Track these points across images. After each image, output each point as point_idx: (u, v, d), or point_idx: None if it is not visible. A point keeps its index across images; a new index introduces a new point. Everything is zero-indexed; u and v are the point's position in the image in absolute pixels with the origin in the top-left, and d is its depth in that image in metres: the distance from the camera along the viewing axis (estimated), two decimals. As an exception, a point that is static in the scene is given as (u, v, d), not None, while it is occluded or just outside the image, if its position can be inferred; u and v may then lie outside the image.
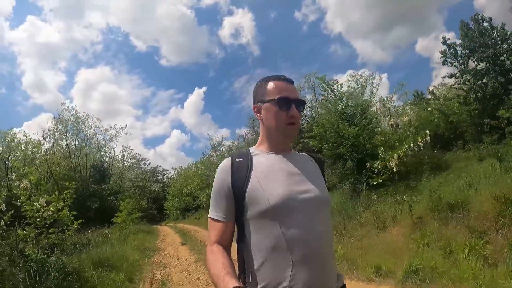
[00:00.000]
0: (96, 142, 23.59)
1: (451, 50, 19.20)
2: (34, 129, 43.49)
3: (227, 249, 1.08)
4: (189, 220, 20.16)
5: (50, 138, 22.37)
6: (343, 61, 52.77)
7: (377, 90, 25.19)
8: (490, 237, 4.13)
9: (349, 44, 55.98)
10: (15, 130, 39.56)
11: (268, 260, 1.00)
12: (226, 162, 1.13)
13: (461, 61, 19.18)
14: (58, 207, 4.74)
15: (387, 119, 10.50)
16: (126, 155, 27.65)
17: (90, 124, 22.39)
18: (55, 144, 22.78)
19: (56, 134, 22.07)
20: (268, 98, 1.12)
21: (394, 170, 6.68)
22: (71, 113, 21.49)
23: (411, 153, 6.90)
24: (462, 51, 19.00)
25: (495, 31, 17.79)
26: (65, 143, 22.65)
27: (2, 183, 16.31)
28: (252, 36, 56.05)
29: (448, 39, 19.55)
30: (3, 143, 21.18)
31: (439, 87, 21.75)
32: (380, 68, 59.29)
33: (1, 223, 4.37)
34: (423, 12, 43.61)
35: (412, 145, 6.66)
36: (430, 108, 19.97)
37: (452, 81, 19.58)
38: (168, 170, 40.99)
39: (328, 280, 1.03)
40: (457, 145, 11.08)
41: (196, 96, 57.15)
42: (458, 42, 19.55)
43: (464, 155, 9.33)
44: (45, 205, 4.46)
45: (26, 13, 62.32)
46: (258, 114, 1.18)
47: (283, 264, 0.98)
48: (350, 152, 8.46)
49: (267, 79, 1.17)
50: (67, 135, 21.73)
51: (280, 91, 1.12)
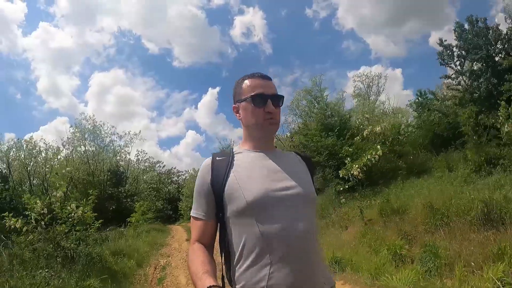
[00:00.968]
0: (112, 148, 25.55)
1: (448, 52, 20.14)
2: (50, 133, 46.48)
3: (209, 247, 1.11)
4: (200, 220, 21.89)
5: (69, 145, 24.61)
6: (356, 57, 53.08)
7: (383, 90, 26.23)
8: (416, 239, 5.19)
9: (361, 39, 56.01)
10: (32, 134, 42.42)
11: (246, 259, 1.02)
12: (207, 161, 1.16)
13: (457, 62, 20.12)
14: (85, 210, 6.41)
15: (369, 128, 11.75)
16: (140, 159, 29.60)
17: (106, 131, 24.37)
18: (74, 150, 24.99)
19: (74, 141, 24.22)
20: (244, 97, 1.16)
21: (359, 177, 8.09)
22: (88, 122, 23.53)
23: (369, 163, 8.24)
24: (458, 52, 19.92)
25: (490, 31, 18.65)
26: (83, 149, 24.83)
27: (42, 193, 18.39)
28: (264, 35, 56.88)
29: (445, 40, 20.46)
30: (25, 150, 23.51)
31: (442, 86, 22.54)
32: (394, 62, 59.25)
33: (42, 223, 6.07)
34: (436, 4, 43.66)
35: (369, 157, 8.03)
36: (428, 109, 20.97)
37: (449, 81, 20.46)
38: (183, 172, 43.17)
39: (310, 279, 1.02)
40: (455, 145, 12.00)
41: (210, 96, 58.73)
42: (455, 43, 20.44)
43: (450, 157, 10.14)
44: (75, 209, 6.18)
45: (38, 19, 64.76)
46: (238, 114, 1.21)
47: (261, 263, 0.99)
48: (326, 160, 9.89)
49: (243, 78, 1.21)
50: (85, 142, 23.76)
51: (254, 88, 1.15)
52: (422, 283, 3.79)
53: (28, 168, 23.21)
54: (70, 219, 6.22)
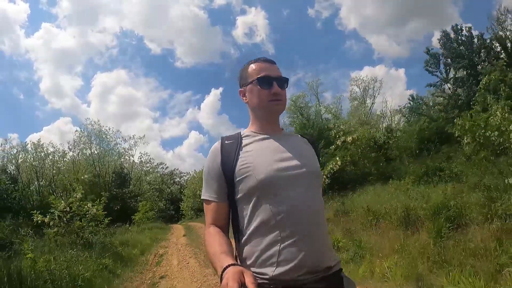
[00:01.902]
0: (117, 151, 27.45)
1: (434, 60, 21.67)
2: (53, 133, 48.04)
3: (224, 229, 1.16)
4: (200, 219, 23.66)
5: (75, 148, 26.56)
6: (359, 57, 53.96)
7: (378, 94, 27.73)
8: (358, 235, 6.37)
9: (364, 39, 57.08)
10: (35, 135, 44.18)
11: (257, 236, 1.08)
12: (216, 145, 1.22)
13: (443, 70, 21.69)
14: (98, 209, 8.19)
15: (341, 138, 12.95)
16: (143, 161, 31.47)
17: (112, 135, 26.29)
18: (80, 153, 26.93)
19: (81, 144, 26.17)
20: (250, 80, 1.23)
21: (326, 182, 9.70)
22: (94, 126, 25.46)
23: (333, 170, 9.77)
24: (444, 60, 21.46)
25: (476, 39, 20.10)
26: (89, 152, 26.77)
27: (49, 193, 20.22)
28: (266, 35, 58.20)
29: (432, 48, 21.98)
30: (33, 153, 25.41)
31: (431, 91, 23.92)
32: (397, 63, 60.38)
33: (64, 219, 7.84)
34: (438, 4, 44.64)
35: (331, 166, 9.64)
36: (418, 114, 22.56)
37: (433, 89, 21.90)
38: (185, 173, 45.10)
39: (319, 256, 1.07)
40: (441, 149, 13.16)
41: (213, 97, 60.36)
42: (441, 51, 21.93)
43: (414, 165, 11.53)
44: (90, 207, 7.96)
45: (41, 20, 67.09)
46: (244, 98, 1.28)
47: (271, 240, 1.05)
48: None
49: (248, 63, 1.29)
50: (91, 145, 25.68)
51: (260, 71, 1.22)
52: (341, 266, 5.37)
53: (36, 170, 25.01)
54: (86, 216, 8.00)
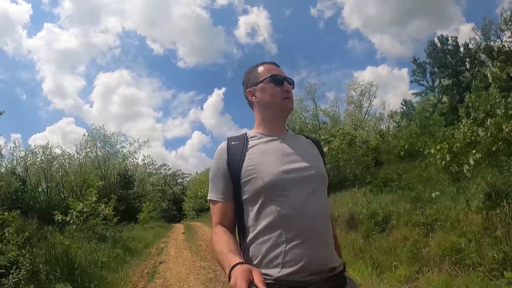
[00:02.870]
0: (121, 154, 29.41)
1: (420, 69, 23.33)
2: (56, 133, 50.30)
3: (231, 229, 1.22)
4: (200, 219, 25.51)
5: (81, 151, 28.53)
6: (362, 57, 56.03)
7: (374, 98, 29.31)
8: None
9: (367, 39, 58.96)
10: (39, 135, 45.88)
11: (262, 237, 1.12)
12: (223, 145, 1.28)
13: (429, 78, 23.35)
14: (109, 210, 10.01)
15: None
16: (146, 163, 33.39)
17: (116, 138, 28.26)
18: (86, 156, 28.87)
19: (87, 148, 28.15)
20: (262, 79, 1.32)
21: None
22: (100, 131, 27.47)
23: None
24: (431, 69, 23.11)
25: (462, 47, 21.66)
26: (94, 154, 28.72)
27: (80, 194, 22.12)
28: (269, 35, 59.60)
29: (418, 58, 23.58)
30: (42, 156, 27.37)
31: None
32: (400, 62, 61.58)
33: (81, 218, 9.67)
34: (441, 3, 45.61)
35: None
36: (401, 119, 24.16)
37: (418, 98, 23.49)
38: (187, 174, 47.05)
39: (324, 258, 1.13)
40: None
41: (216, 97, 61.81)
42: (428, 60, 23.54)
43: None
44: (103, 208, 9.79)
45: (43, 21, 69.98)
46: (253, 97, 1.35)
47: (277, 241, 1.10)
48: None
49: (256, 65, 1.39)
50: (97, 149, 27.67)
51: (271, 71, 1.33)
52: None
53: (45, 172, 26.93)
54: (99, 215, 9.82)
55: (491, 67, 19.93)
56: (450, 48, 22.19)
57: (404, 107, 26.40)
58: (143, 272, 6.72)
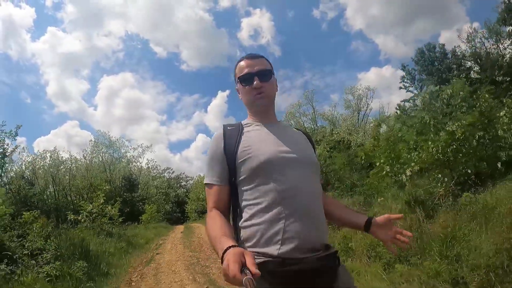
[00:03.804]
0: (126, 159, 31.36)
1: (409, 76, 24.81)
2: (60, 136, 50.97)
3: (225, 213, 1.29)
4: (201, 220, 27.28)
5: (88, 156, 30.51)
6: (366, 58, 56.20)
7: (371, 102, 30.63)
8: None
9: (370, 40, 58.07)
10: (43, 138, 47.61)
11: (261, 215, 1.19)
12: (219, 131, 1.37)
13: (417, 85, 24.82)
14: (114, 211, 11.82)
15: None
16: (150, 167, 35.31)
17: (120, 144, 30.25)
18: (92, 161, 30.84)
19: (93, 153, 30.14)
20: (236, 79, 1.43)
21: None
22: (105, 137, 29.50)
23: None
24: (419, 76, 24.57)
25: (450, 54, 23.10)
26: (100, 159, 30.68)
27: (86, 197, 24.07)
28: (272, 36, 59.86)
29: (407, 65, 25.02)
30: (49, 160, 29.35)
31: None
32: (404, 61, 62.23)
33: (90, 217, 11.48)
34: (444, 3, 46.23)
35: None
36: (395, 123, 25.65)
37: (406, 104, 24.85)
38: (190, 177, 48.93)
39: (320, 234, 1.22)
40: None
41: (220, 99, 62.85)
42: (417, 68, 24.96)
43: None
44: (110, 209, 11.60)
45: (47, 24, 70.66)
46: (239, 94, 1.47)
47: (275, 218, 1.17)
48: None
49: (237, 62, 1.46)
50: (103, 154, 29.66)
51: (242, 70, 1.40)
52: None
53: (52, 176, 28.88)
54: (106, 215, 11.62)
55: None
56: (437, 55, 23.47)
57: (398, 112, 27.45)
58: (142, 260, 8.46)
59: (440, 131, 7.27)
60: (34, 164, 28.80)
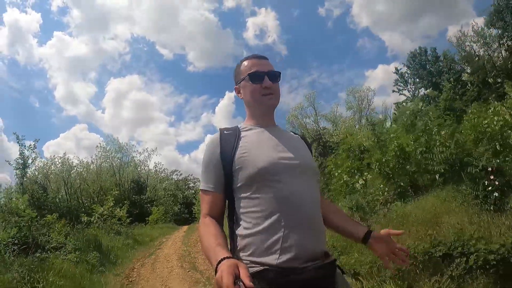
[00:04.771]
0: (134, 163, 33.55)
1: (402, 79, 26.20)
2: (70, 139, 53.40)
3: (219, 220, 1.29)
4: (206, 221, 29.22)
5: (98, 161, 32.76)
6: (373, 55, 57.23)
7: (372, 103, 31.86)
8: None
9: (377, 37, 59.93)
10: (52, 141, 49.65)
11: (259, 223, 1.18)
12: (215, 135, 1.37)
13: (410, 88, 26.20)
14: (123, 212, 13.80)
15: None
16: (158, 170, 37.48)
17: (128, 149, 32.45)
18: (102, 165, 33.08)
19: (102, 158, 32.42)
20: (242, 76, 1.41)
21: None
22: (114, 143, 31.72)
23: None
24: (411, 80, 25.95)
25: (442, 57, 24.41)
26: (109, 164, 32.91)
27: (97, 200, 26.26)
28: (278, 36, 60.93)
29: (400, 69, 26.42)
30: (61, 165, 31.63)
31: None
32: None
33: (101, 218, 13.47)
34: None
35: None
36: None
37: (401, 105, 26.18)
38: (198, 178, 50.92)
39: (319, 242, 1.23)
40: None
41: (227, 100, 63.55)
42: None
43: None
44: (119, 211, 13.57)
45: (53, 29, 72.93)
46: (239, 94, 1.46)
47: (274, 226, 1.16)
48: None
49: (241, 61, 1.47)
50: (112, 159, 31.88)
51: (251, 67, 1.40)
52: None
53: (64, 180, 31.13)
54: (115, 217, 13.60)
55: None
56: (429, 58, 24.82)
57: (396, 113, 28.63)
58: (145, 254, 10.38)
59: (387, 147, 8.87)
60: (45, 169, 31.10)
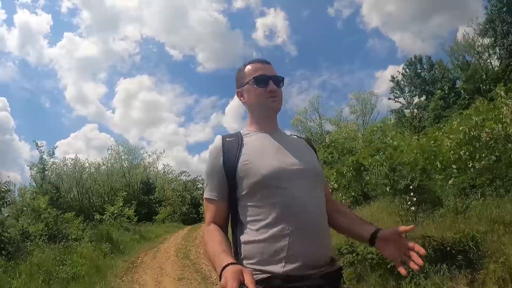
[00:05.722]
0: (143, 164, 35.84)
1: (398, 87, 27.66)
2: (80, 139, 54.69)
3: (223, 228, 1.31)
4: (210, 220, 31.25)
5: (108, 162, 35.12)
6: (383, 56, 57.14)
7: (375, 107, 32.77)
8: None
9: (387, 38, 60.16)
10: (63, 141, 51.80)
11: (264, 231, 1.20)
12: (217, 143, 1.38)
13: (406, 95, 27.62)
14: (131, 212, 15.91)
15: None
16: (166, 172, 39.73)
17: (139, 152, 34.83)
18: (111, 167, 35.41)
19: (112, 160, 34.82)
20: (247, 80, 1.44)
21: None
22: (124, 146, 34.10)
23: None
24: (407, 87, 27.37)
25: (435, 66, 25.87)
26: (119, 165, 35.25)
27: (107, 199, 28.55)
28: (287, 36, 61.04)
29: (396, 76, 27.87)
30: (73, 167, 33.95)
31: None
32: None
33: (113, 216, 15.57)
34: None
35: None
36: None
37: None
38: (206, 180, 52.99)
39: (325, 249, 1.24)
40: None
41: (237, 100, 58.64)
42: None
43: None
44: (128, 210, 15.66)
45: (63, 30, 76.51)
46: (242, 98, 1.49)
47: (279, 234, 1.18)
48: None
49: (244, 65, 1.50)
50: (122, 161, 34.23)
51: (256, 71, 1.43)
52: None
53: (76, 181, 33.44)
54: (124, 215, 15.68)
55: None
56: (425, 67, 26.30)
57: (392, 119, 29.82)
58: (149, 247, 12.41)
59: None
60: (58, 169, 33.32)
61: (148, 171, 36.97)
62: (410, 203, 6.36)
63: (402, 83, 27.22)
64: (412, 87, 26.51)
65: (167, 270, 7.80)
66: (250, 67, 1.47)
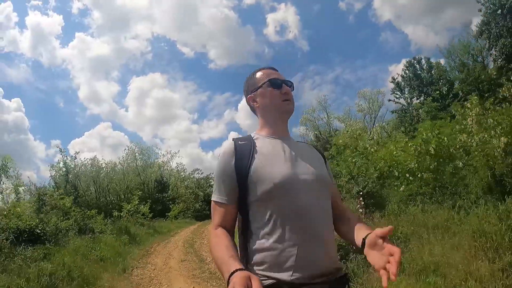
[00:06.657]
0: (157, 164, 38.27)
1: (398, 88, 28.96)
2: (94, 137, 56.43)
3: (230, 232, 1.34)
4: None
5: (125, 162, 37.62)
6: (396, 49, 57.10)
7: (382, 105, 33.75)
8: None
9: (400, 31, 60.01)
10: (78, 140, 53.97)
11: (273, 239, 1.25)
12: (229, 145, 1.41)
13: (406, 97, 28.85)
14: (146, 209, 18.18)
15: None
16: (179, 170, 42.14)
17: (153, 152, 37.33)
18: (127, 166, 37.86)
19: (128, 159, 37.30)
20: (260, 84, 1.51)
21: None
22: (138, 146, 36.56)
23: None
24: (407, 88, 28.63)
25: (434, 67, 27.16)
26: (134, 165, 37.71)
27: (124, 197, 30.96)
28: (299, 31, 61.07)
29: (396, 78, 29.18)
30: (91, 166, 36.38)
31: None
32: (435, 53, 61.85)
33: (129, 213, 17.86)
34: None
35: None
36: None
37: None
38: (220, 176, 55.12)
39: (332, 258, 1.30)
40: None
41: None
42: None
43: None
44: (143, 208, 17.93)
45: (74, 31, 78.22)
46: (255, 103, 1.55)
47: (289, 243, 1.23)
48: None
49: (253, 72, 1.58)
50: (137, 161, 36.71)
51: (269, 75, 1.52)
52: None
53: (94, 180, 35.87)
54: (140, 212, 17.94)
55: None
56: (424, 67, 27.57)
57: (394, 119, 30.50)
58: (162, 239, 14.59)
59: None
60: (76, 169, 35.62)
61: (162, 169, 39.29)
62: (358, 206, 7.97)
63: (402, 84, 28.32)
64: (411, 89, 27.48)
65: (173, 255, 9.96)
66: (261, 73, 1.56)
